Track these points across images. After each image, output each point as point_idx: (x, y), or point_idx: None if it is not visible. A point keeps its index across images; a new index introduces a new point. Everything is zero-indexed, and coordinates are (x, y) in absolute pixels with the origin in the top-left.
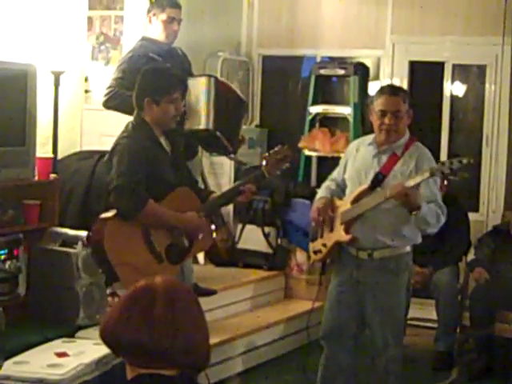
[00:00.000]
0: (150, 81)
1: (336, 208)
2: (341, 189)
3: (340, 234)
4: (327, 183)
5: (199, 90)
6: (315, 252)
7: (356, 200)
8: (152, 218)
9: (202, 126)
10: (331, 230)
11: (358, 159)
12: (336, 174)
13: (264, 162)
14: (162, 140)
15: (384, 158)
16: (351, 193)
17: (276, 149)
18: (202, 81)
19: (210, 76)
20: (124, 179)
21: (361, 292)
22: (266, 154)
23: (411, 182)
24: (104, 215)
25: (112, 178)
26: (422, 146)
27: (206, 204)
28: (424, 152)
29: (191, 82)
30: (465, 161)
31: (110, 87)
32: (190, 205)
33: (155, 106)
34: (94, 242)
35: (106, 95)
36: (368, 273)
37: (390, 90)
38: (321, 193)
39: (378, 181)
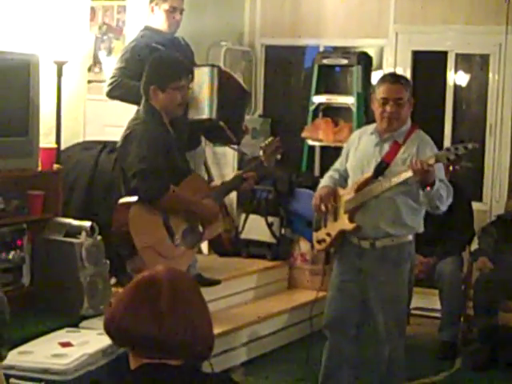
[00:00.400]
0: (156, 68)
1: (339, 197)
2: (343, 178)
3: (344, 223)
4: (330, 173)
5: (202, 79)
6: (319, 241)
7: (360, 188)
8: (173, 203)
9: (205, 116)
10: (335, 219)
11: (360, 148)
12: (338, 164)
13: (261, 152)
14: (170, 128)
15: (386, 147)
16: (353, 182)
17: (269, 140)
18: (205, 70)
19: (213, 66)
20: (147, 163)
21: (363, 281)
22: (263, 145)
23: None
24: (124, 200)
25: (132, 164)
26: (424, 133)
27: (216, 190)
28: (425, 139)
29: (194, 71)
30: (470, 146)
31: (113, 77)
32: (202, 191)
33: (161, 93)
34: (117, 226)
35: (109, 85)
36: (370, 262)
37: (392, 78)
38: (323, 182)
39: (381, 169)
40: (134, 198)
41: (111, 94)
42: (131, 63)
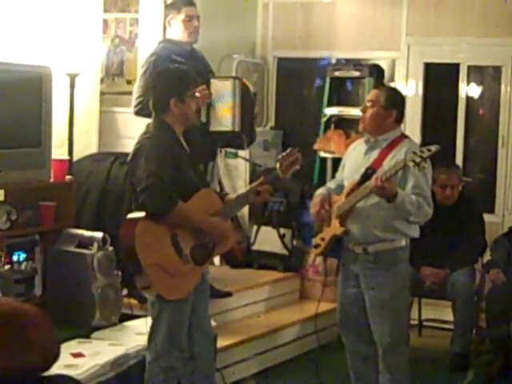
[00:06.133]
0: (169, 81)
1: (333, 203)
2: (341, 188)
3: (335, 227)
4: (328, 184)
5: (224, 92)
6: (315, 246)
7: (349, 194)
8: (181, 219)
9: (229, 128)
10: (328, 224)
11: (353, 158)
12: (338, 174)
13: (278, 165)
14: (182, 140)
15: (374, 154)
16: (345, 188)
17: (288, 151)
18: (228, 84)
19: (235, 78)
20: (154, 179)
21: (360, 285)
22: (280, 157)
23: (387, 173)
24: (132, 215)
25: (140, 179)
26: (414, 141)
27: (228, 206)
28: (414, 146)
29: (215, 83)
30: (433, 148)
31: (139, 97)
32: (214, 206)
33: (180, 103)
34: (123, 242)
35: (136, 105)
36: (363, 266)
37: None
38: (318, 191)
39: (367, 175)
40: (141, 214)
41: (140, 114)
42: None
